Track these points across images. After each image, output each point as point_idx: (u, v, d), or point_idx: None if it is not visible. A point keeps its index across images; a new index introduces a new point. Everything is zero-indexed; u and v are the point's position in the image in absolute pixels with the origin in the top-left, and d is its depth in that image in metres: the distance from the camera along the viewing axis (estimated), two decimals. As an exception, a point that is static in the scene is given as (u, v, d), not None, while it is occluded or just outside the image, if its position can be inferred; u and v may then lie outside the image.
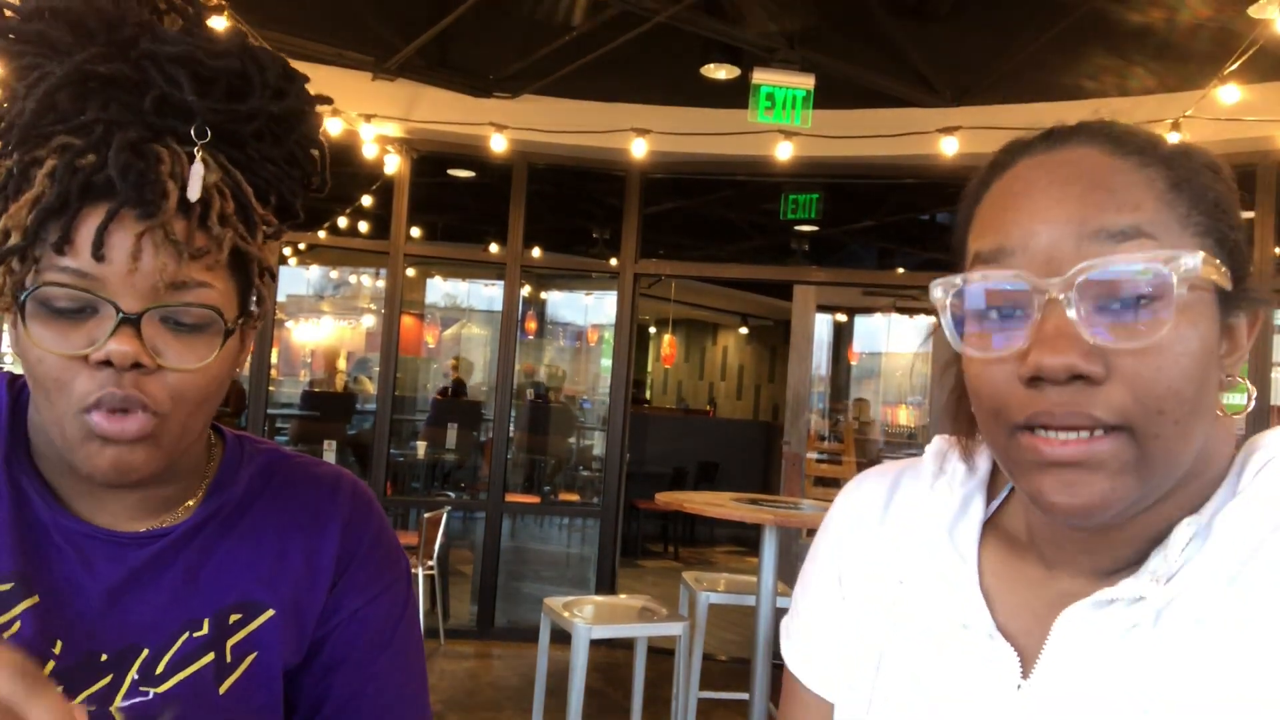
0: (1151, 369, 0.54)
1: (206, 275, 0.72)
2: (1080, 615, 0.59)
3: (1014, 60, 4.70)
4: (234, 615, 0.79)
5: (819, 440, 5.86)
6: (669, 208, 6.96)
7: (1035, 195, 0.59)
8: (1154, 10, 4.25)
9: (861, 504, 0.78)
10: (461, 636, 5.43)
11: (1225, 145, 4.53)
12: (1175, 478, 0.57)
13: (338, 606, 0.84)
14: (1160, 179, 0.57)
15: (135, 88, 0.71)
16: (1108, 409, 0.54)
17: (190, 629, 0.77)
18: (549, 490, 7.48)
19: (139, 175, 0.68)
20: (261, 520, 0.83)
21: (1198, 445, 0.57)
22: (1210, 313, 0.57)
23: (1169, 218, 0.56)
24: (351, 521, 0.86)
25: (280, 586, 0.81)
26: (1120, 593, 0.57)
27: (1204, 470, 0.60)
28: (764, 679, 3.40)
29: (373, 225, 6.80)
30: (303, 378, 10.56)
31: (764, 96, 4.30)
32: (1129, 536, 0.60)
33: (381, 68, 4.88)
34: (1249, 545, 0.55)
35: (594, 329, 10.98)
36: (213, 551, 0.80)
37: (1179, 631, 0.56)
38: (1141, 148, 0.59)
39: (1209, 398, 0.57)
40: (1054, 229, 0.57)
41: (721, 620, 5.66)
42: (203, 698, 0.75)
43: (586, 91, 5.15)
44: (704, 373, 15.38)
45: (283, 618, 0.80)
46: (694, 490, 7.62)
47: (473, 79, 5.12)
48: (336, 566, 0.84)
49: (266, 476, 0.86)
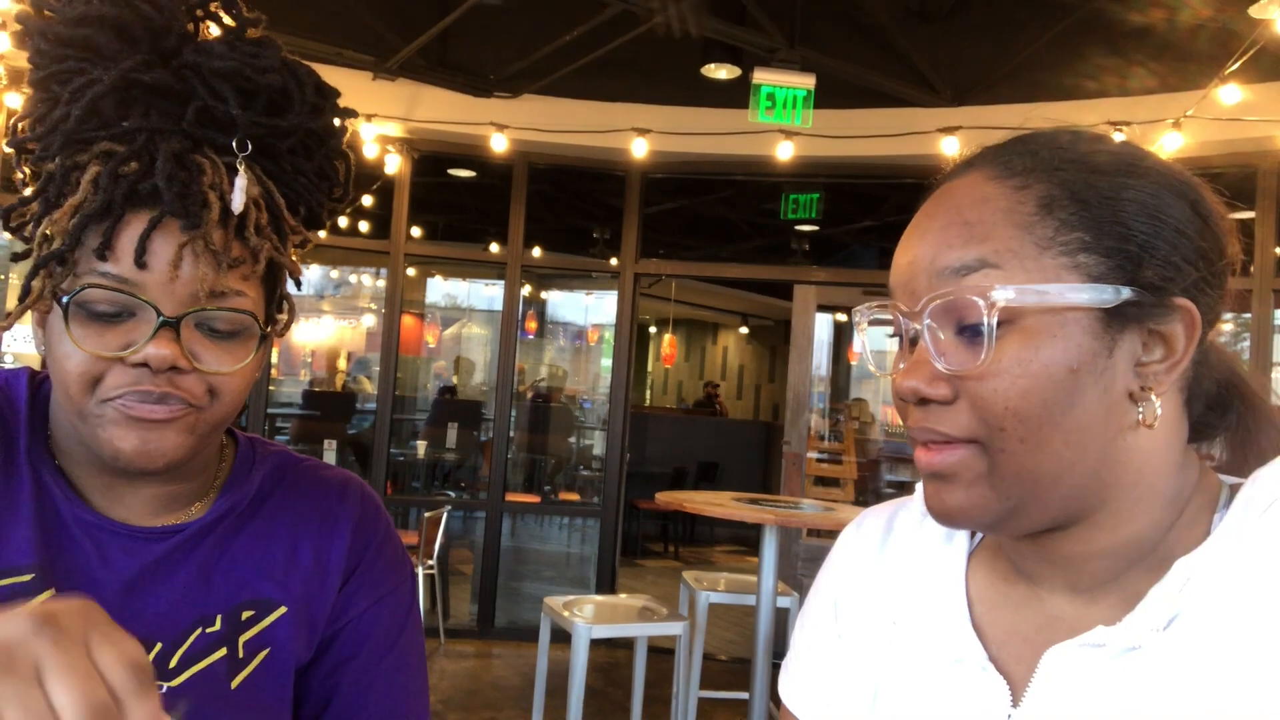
0: (989, 391, 0.58)
1: (242, 284, 0.74)
2: (1068, 652, 0.60)
3: (1014, 60, 4.70)
4: (246, 612, 0.80)
5: (819, 440, 5.85)
6: (669, 208, 6.96)
7: (912, 231, 0.64)
8: (1154, 10, 4.26)
9: (858, 543, 0.79)
10: (461, 636, 5.43)
11: (1225, 145, 4.53)
12: (1048, 490, 0.59)
13: (347, 605, 0.85)
14: (1031, 201, 0.59)
15: (178, 97, 0.72)
16: (954, 426, 0.59)
17: (203, 624, 0.78)
18: (549, 490, 7.48)
19: (183, 185, 0.69)
20: (273, 520, 0.85)
21: (1069, 460, 0.58)
22: (1075, 331, 0.57)
23: (1025, 244, 0.58)
24: (361, 523, 0.88)
25: (291, 585, 0.82)
26: (1112, 638, 0.58)
27: (1136, 484, 0.60)
28: (764, 679, 3.40)
29: (373, 225, 6.80)
30: (303, 377, 10.56)
31: (764, 96, 4.30)
32: (1092, 554, 0.61)
33: (382, 68, 4.88)
34: (1247, 588, 0.55)
35: (594, 329, 10.98)
36: (225, 549, 0.81)
37: (1168, 664, 0.56)
38: (1031, 167, 0.61)
39: (1076, 415, 0.57)
40: (915, 264, 0.62)
41: (721, 620, 5.67)
42: (215, 692, 0.76)
43: (586, 91, 5.15)
44: (704, 373, 15.38)
45: (294, 615, 0.81)
46: (694, 490, 7.62)
47: (473, 79, 5.12)
48: (346, 566, 0.86)
49: (277, 477, 0.87)
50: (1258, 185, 4.68)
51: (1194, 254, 0.59)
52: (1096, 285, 0.57)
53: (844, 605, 0.77)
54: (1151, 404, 0.58)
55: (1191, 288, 0.59)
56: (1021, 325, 0.57)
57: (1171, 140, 4.33)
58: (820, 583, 0.81)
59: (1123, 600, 0.60)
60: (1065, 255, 0.58)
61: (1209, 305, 0.60)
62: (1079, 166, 0.60)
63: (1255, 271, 4.71)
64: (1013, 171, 0.61)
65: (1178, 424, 0.61)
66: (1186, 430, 0.62)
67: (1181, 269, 0.58)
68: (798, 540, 5.21)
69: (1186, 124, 4.23)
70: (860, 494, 5.66)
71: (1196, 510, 0.61)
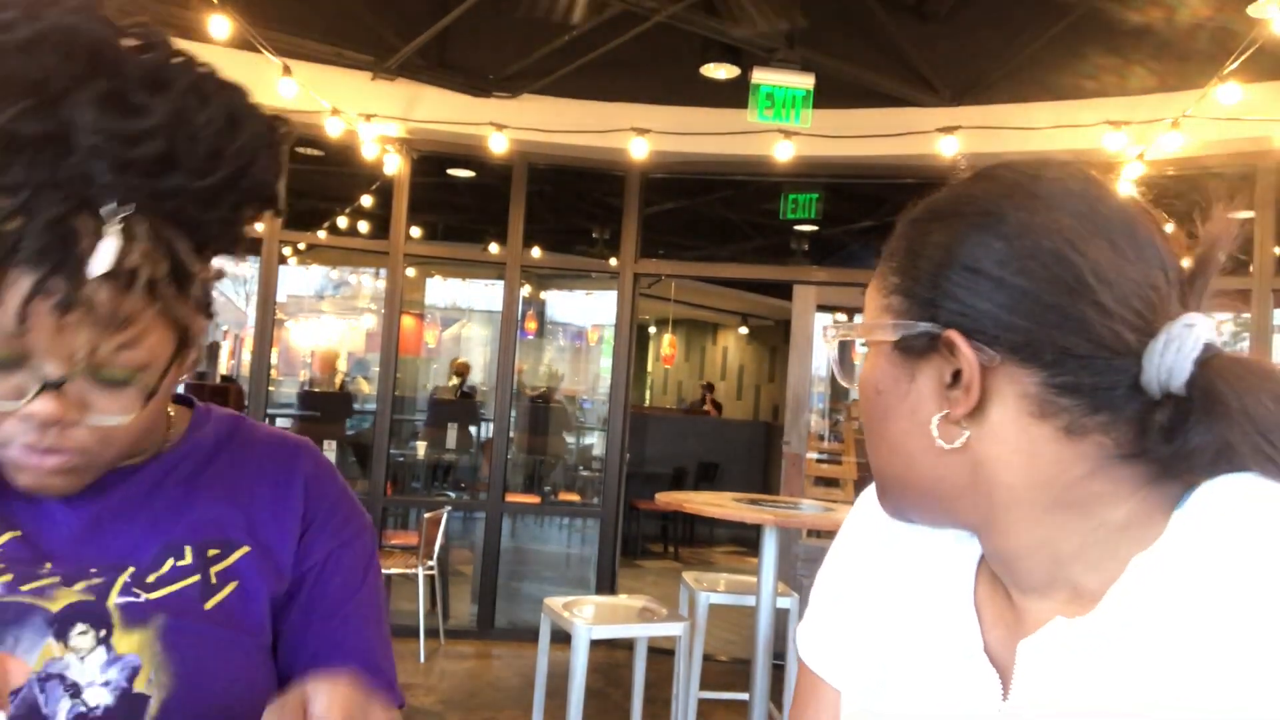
0: (860, 404, 0.71)
1: (134, 336, 0.72)
2: (1038, 643, 0.62)
3: (1014, 60, 4.70)
4: (213, 549, 0.83)
5: (819, 440, 5.85)
6: (669, 208, 6.96)
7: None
8: (1154, 10, 4.26)
9: (875, 513, 0.80)
10: (461, 636, 5.43)
11: (1225, 145, 4.53)
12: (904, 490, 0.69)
13: (309, 552, 0.88)
14: (889, 253, 0.69)
15: (61, 150, 0.68)
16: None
17: (173, 555, 0.81)
18: (549, 490, 7.48)
19: (60, 247, 0.66)
20: (228, 472, 0.88)
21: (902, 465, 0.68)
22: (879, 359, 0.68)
23: (873, 291, 0.70)
24: (314, 479, 0.91)
25: (252, 530, 0.85)
26: (1074, 632, 0.60)
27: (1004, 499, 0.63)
28: (764, 679, 3.40)
29: (373, 225, 6.80)
30: (302, 378, 10.56)
31: (764, 96, 4.30)
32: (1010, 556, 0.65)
33: (381, 68, 4.88)
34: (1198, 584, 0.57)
35: (594, 329, 10.99)
36: (186, 495, 0.84)
37: (1131, 657, 0.58)
38: (910, 217, 0.70)
39: (891, 428, 0.68)
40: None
41: (721, 620, 5.67)
42: (190, 609, 0.78)
43: (586, 91, 5.15)
44: (704, 373, 15.37)
45: (257, 555, 0.84)
46: (694, 490, 7.62)
47: (473, 79, 5.12)
48: (303, 515, 0.88)
49: (230, 434, 0.91)
50: (1257, 185, 4.68)
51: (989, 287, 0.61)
52: (895, 322, 0.66)
53: (858, 572, 0.79)
54: (961, 428, 0.63)
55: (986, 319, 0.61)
56: (865, 354, 0.70)
57: (1171, 140, 4.33)
58: (835, 548, 0.83)
59: (1072, 596, 0.62)
60: (884, 297, 0.68)
61: (1023, 333, 0.60)
62: (918, 215, 0.69)
63: (1254, 271, 4.71)
64: (908, 224, 0.70)
65: (1032, 443, 0.61)
66: (1060, 446, 0.60)
67: (967, 303, 0.62)
68: (798, 541, 5.21)
69: (1185, 123, 4.23)
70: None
71: (1148, 508, 0.61)
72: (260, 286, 5.48)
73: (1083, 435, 0.60)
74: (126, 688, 0.74)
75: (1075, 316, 0.59)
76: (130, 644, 0.75)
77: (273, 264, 5.37)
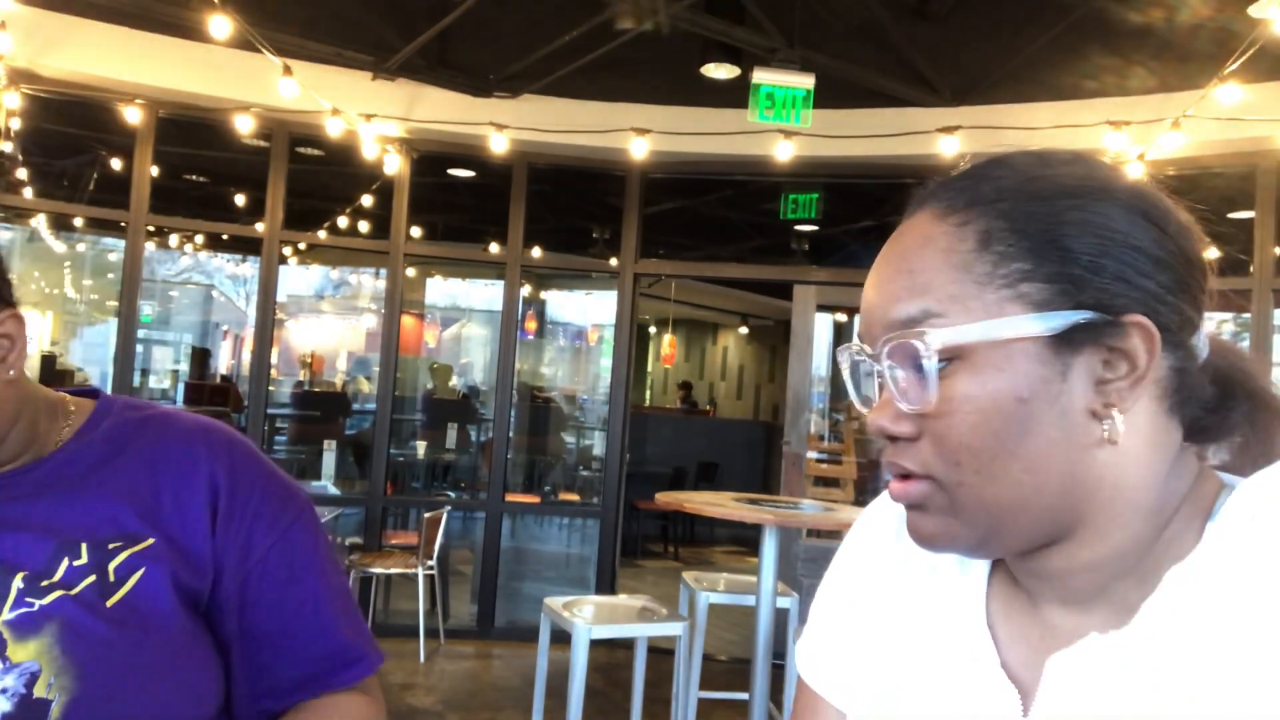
0: (943, 428, 0.60)
1: None
2: (1069, 660, 0.61)
3: (1014, 60, 4.70)
4: (113, 543, 0.81)
5: (819, 440, 5.85)
6: (669, 208, 6.95)
7: (872, 275, 0.67)
8: (1154, 10, 4.26)
9: (879, 525, 0.78)
10: (461, 636, 5.42)
11: (1225, 145, 4.53)
12: (1015, 517, 0.60)
13: (249, 546, 0.86)
14: (970, 238, 0.61)
15: None
16: (914, 461, 0.62)
17: (69, 555, 0.79)
18: (549, 490, 7.48)
19: None
20: (129, 466, 0.86)
21: (1031, 486, 0.59)
22: (1021, 361, 0.58)
23: (965, 284, 0.60)
24: (229, 465, 0.89)
25: (155, 521, 0.83)
26: (1108, 648, 0.59)
27: (1113, 498, 0.60)
28: (764, 679, 3.40)
29: (373, 225, 6.79)
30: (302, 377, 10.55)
31: (764, 96, 4.30)
32: (1076, 569, 0.62)
33: (381, 68, 4.88)
34: (1233, 597, 0.56)
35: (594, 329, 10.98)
36: (80, 493, 0.83)
37: (1165, 674, 0.57)
38: (971, 202, 0.62)
39: (1033, 441, 0.59)
40: (871, 313, 0.65)
41: (721, 620, 5.66)
42: (89, 610, 0.77)
43: (586, 91, 5.15)
44: (704, 373, 15.37)
45: (164, 545, 0.82)
46: (694, 490, 7.62)
47: (473, 79, 5.12)
48: (216, 505, 0.86)
49: (134, 428, 0.89)
50: (1257, 185, 4.68)
51: (1149, 265, 0.59)
52: (1040, 314, 0.58)
53: (861, 585, 0.77)
54: (1114, 421, 0.58)
55: (1151, 299, 0.59)
56: (970, 362, 0.59)
57: (1171, 140, 4.33)
58: (837, 561, 0.81)
59: (1114, 611, 0.61)
60: (1007, 288, 0.59)
61: (1175, 313, 0.60)
62: (1017, 195, 0.61)
63: (1255, 271, 4.71)
64: (954, 208, 0.63)
65: (1158, 434, 0.61)
66: (1175, 437, 0.62)
67: (1135, 283, 0.59)
68: (798, 540, 5.20)
69: (1186, 124, 4.23)
70: (860, 494, 5.66)
71: (1188, 518, 0.61)
72: (260, 286, 5.48)
73: (1175, 414, 0.62)
74: (25, 694, 0.72)
75: (1199, 295, 0.61)
76: (26, 652, 0.73)
77: (273, 264, 5.37)
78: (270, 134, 5.19)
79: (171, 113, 5.03)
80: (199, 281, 12.06)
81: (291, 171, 5.36)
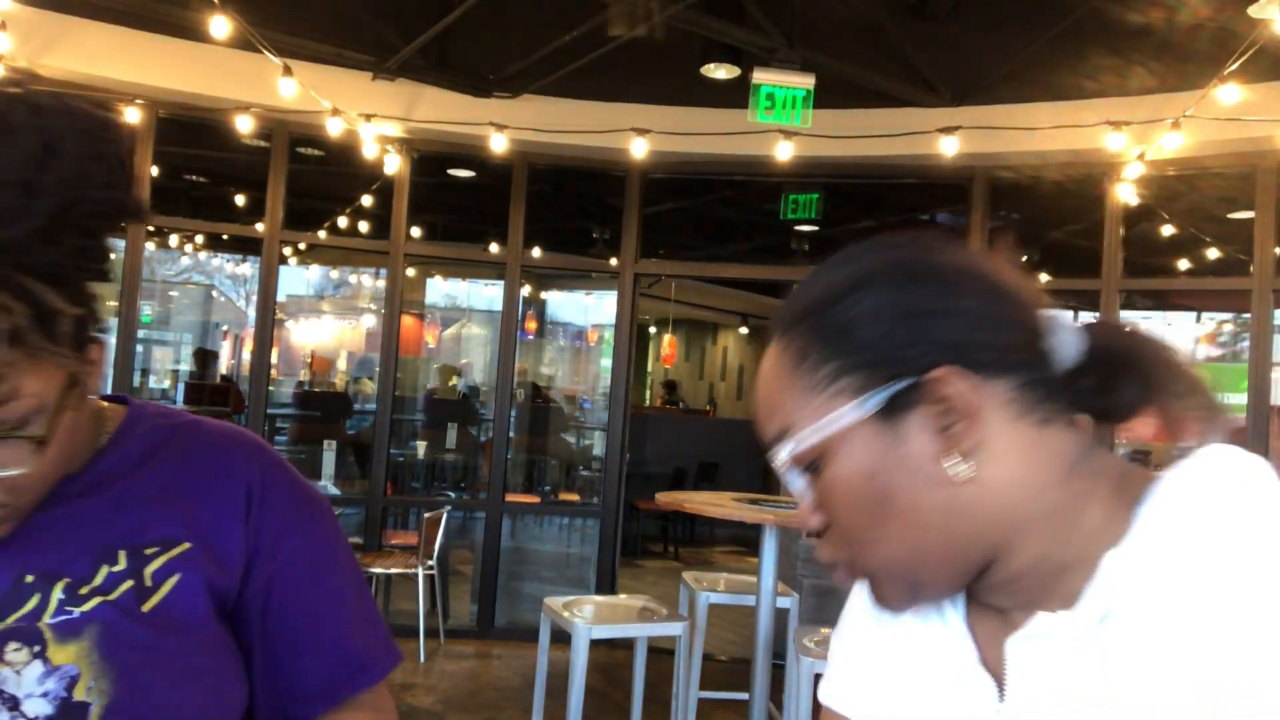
0: (833, 513, 0.69)
1: (7, 391, 0.69)
2: (1024, 637, 0.66)
3: (1014, 60, 4.70)
4: (149, 549, 0.82)
5: (819, 440, 5.87)
6: (669, 208, 6.95)
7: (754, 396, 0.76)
8: (1154, 10, 4.26)
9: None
10: (461, 636, 5.43)
11: (1225, 145, 4.53)
12: (926, 564, 0.67)
13: (274, 549, 0.87)
14: (792, 358, 0.69)
15: None
16: (831, 548, 0.71)
17: (107, 561, 0.80)
18: (549, 490, 7.48)
19: None
20: (165, 470, 0.87)
21: (918, 537, 0.66)
22: (858, 444, 0.66)
23: (799, 398, 0.68)
24: (258, 473, 0.90)
25: (191, 526, 0.85)
26: (1056, 629, 0.64)
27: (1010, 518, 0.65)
28: (764, 679, 3.40)
29: (373, 225, 6.80)
30: (303, 377, 10.56)
31: (764, 96, 4.30)
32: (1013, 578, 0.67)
33: (381, 68, 4.88)
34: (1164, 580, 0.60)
35: (594, 329, 10.99)
36: (118, 500, 0.84)
37: (1111, 652, 0.61)
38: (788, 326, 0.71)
39: (899, 504, 0.66)
40: (760, 434, 0.74)
41: (721, 620, 5.66)
42: (127, 615, 0.78)
43: (586, 91, 5.15)
44: (704, 373, 15.37)
45: (200, 550, 0.83)
46: (694, 490, 7.62)
47: (473, 79, 5.12)
48: (248, 509, 0.87)
49: (167, 435, 0.90)
50: (1257, 185, 4.68)
51: (937, 320, 0.65)
52: (859, 399, 0.66)
53: (870, 619, 0.82)
54: (963, 461, 0.64)
55: (951, 347, 0.64)
56: (827, 459, 0.67)
57: (1171, 140, 4.33)
58: (852, 597, 0.86)
59: (1064, 600, 0.65)
60: (828, 389, 0.67)
61: (987, 345, 0.65)
62: (812, 309, 0.69)
63: (1255, 271, 4.71)
64: (781, 335, 0.71)
65: (1030, 449, 0.65)
66: (1059, 444, 0.66)
67: (929, 341, 0.65)
68: (798, 540, 5.20)
69: (1186, 124, 4.23)
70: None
71: (1114, 506, 0.65)
72: (260, 286, 5.48)
73: (1050, 421, 0.66)
74: (66, 697, 0.74)
75: (1012, 319, 0.66)
76: (66, 655, 0.75)
77: (273, 264, 5.37)
78: (270, 134, 5.19)
79: (171, 113, 5.03)
80: (199, 282, 12.07)
81: (291, 171, 5.36)
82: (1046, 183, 5.15)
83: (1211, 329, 8.26)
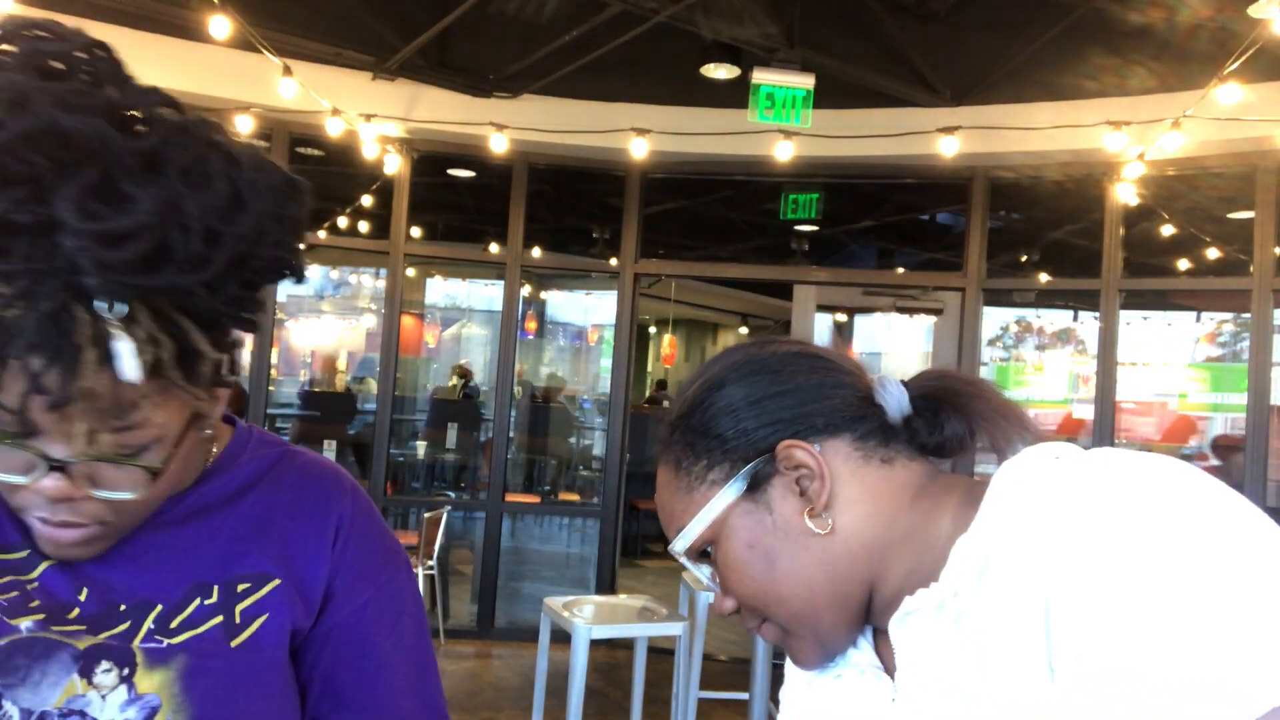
0: (735, 588, 0.78)
1: (138, 419, 0.70)
2: (899, 617, 0.72)
3: (1014, 60, 4.70)
4: (242, 585, 0.83)
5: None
6: (669, 208, 6.95)
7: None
8: (1154, 10, 4.26)
9: None
10: (461, 636, 5.43)
11: (1225, 145, 4.53)
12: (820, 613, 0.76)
13: (349, 595, 0.88)
14: (671, 467, 0.79)
15: (52, 242, 0.65)
16: (747, 619, 0.80)
17: (201, 595, 0.81)
18: (549, 490, 7.48)
19: (57, 339, 0.64)
20: (263, 504, 0.87)
21: (807, 591, 0.75)
22: (734, 522, 0.76)
23: (684, 497, 0.78)
24: (352, 515, 0.91)
25: (284, 562, 0.85)
26: (921, 603, 0.70)
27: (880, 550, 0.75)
28: (764, 679, 3.40)
29: (373, 225, 6.79)
30: (303, 377, 10.55)
31: (764, 96, 4.30)
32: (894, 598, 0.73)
33: (381, 68, 4.88)
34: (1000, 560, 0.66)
35: (594, 329, 10.98)
36: (217, 528, 0.85)
37: (965, 623, 0.67)
38: (667, 437, 0.81)
39: (782, 566, 0.75)
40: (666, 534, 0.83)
41: (721, 620, 5.66)
42: (214, 650, 0.79)
43: (586, 91, 5.16)
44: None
45: (287, 588, 0.85)
46: (694, 490, 7.60)
47: (473, 79, 5.12)
48: (337, 553, 0.88)
49: (270, 465, 0.90)
50: (1257, 185, 4.68)
51: (776, 402, 0.76)
52: (727, 484, 0.76)
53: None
54: (823, 517, 0.74)
55: (789, 423, 0.75)
56: (717, 542, 0.77)
57: (1171, 140, 4.33)
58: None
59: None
60: (703, 482, 0.77)
61: (821, 413, 0.76)
62: (681, 418, 0.80)
63: (1255, 271, 4.71)
64: (663, 452, 0.81)
65: (879, 485, 0.76)
66: (905, 476, 0.76)
67: (771, 421, 0.75)
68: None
69: (1186, 124, 4.23)
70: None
71: (964, 509, 0.72)
72: (260, 286, 5.47)
73: (894, 460, 0.77)
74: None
75: (838, 384, 0.77)
76: (151, 684, 0.76)
77: (273, 264, 5.37)
78: (270, 134, 5.19)
79: (171, 113, 5.02)
80: (199, 281, 12.03)
81: (291, 171, 5.35)
82: (1046, 183, 5.15)
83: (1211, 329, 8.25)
